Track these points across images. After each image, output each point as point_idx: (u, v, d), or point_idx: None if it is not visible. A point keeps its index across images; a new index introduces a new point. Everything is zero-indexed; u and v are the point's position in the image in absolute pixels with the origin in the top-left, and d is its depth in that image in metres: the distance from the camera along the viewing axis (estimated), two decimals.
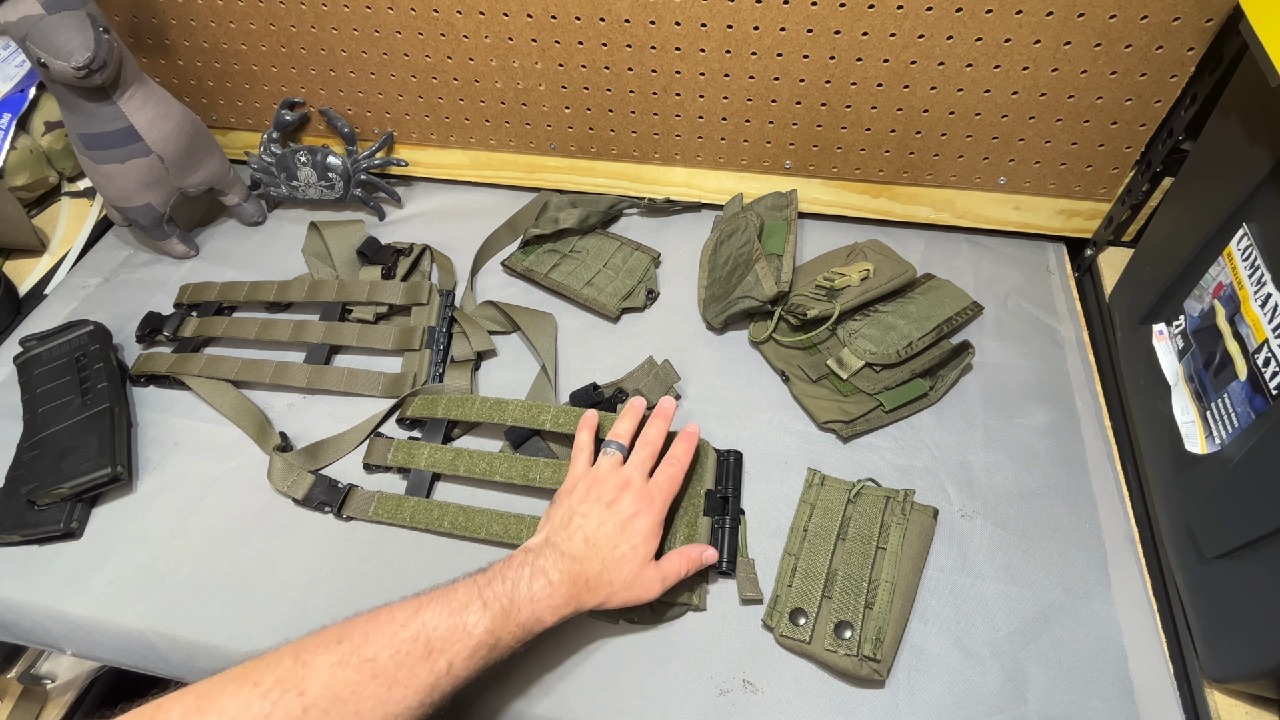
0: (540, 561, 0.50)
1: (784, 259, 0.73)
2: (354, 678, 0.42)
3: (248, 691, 0.41)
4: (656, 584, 0.52)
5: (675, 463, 0.57)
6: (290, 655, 0.43)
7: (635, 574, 0.51)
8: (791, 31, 0.69)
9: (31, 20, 0.64)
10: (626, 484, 0.55)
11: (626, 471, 0.56)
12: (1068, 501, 0.62)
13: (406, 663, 0.43)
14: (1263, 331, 0.49)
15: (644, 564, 0.52)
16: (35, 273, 0.86)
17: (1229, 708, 0.52)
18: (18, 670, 0.85)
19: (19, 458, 0.66)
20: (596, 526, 0.52)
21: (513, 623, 0.47)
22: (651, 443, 0.58)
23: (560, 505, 0.55)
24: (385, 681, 0.43)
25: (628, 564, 0.51)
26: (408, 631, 0.44)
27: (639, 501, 0.54)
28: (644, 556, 0.52)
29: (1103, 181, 0.75)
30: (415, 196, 0.93)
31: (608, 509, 0.53)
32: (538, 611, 0.48)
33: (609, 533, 0.52)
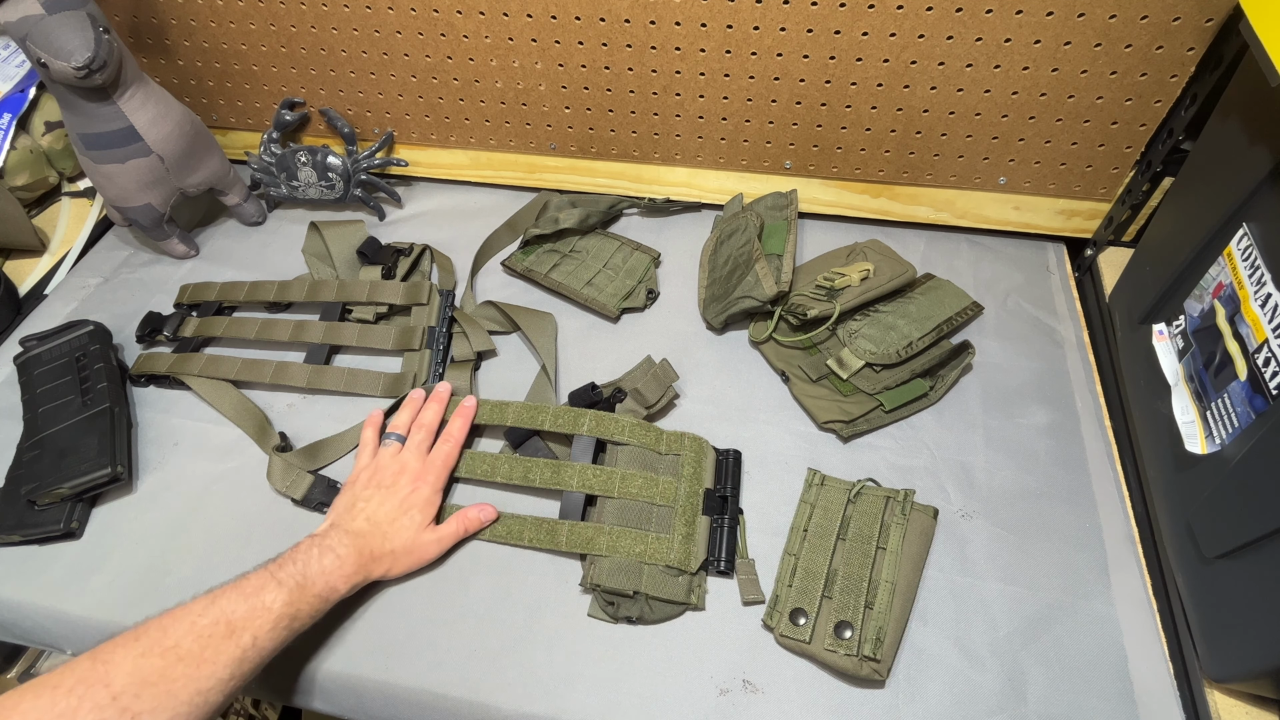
0: (327, 541, 0.55)
1: (784, 259, 0.73)
2: (159, 664, 0.45)
3: (49, 694, 0.42)
4: (433, 545, 0.59)
5: (449, 439, 0.64)
6: (88, 658, 0.44)
7: (413, 539, 0.58)
8: (791, 31, 0.69)
9: (31, 20, 0.64)
10: (403, 468, 0.61)
11: (403, 456, 0.62)
12: (1068, 501, 0.62)
13: (210, 643, 0.46)
14: (1263, 331, 0.49)
15: (420, 530, 0.59)
16: (35, 273, 0.86)
17: (1229, 708, 0.52)
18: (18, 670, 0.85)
19: (19, 458, 0.66)
20: (377, 507, 0.58)
21: (309, 594, 0.51)
22: (426, 425, 0.64)
23: (344, 494, 0.60)
24: (192, 661, 0.45)
25: (405, 532, 0.58)
26: (206, 618, 0.47)
27: (415, 480, 0.60)
28: (419, 524, 0.59)
29: (1103, 181, 0.75)
30: (415, 196, 0.93)
31: (387, 491, 0.59)
32: (331, 581, 0.53)
33: (389, 510, 0.58)
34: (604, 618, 0.57)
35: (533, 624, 0.57)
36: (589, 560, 0.59)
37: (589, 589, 0.58)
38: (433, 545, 0.59)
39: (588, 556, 0.59)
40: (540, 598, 0.58)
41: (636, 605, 0.56)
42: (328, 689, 0.55)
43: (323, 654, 0.56)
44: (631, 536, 0.58)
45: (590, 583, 0.57)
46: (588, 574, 0.58)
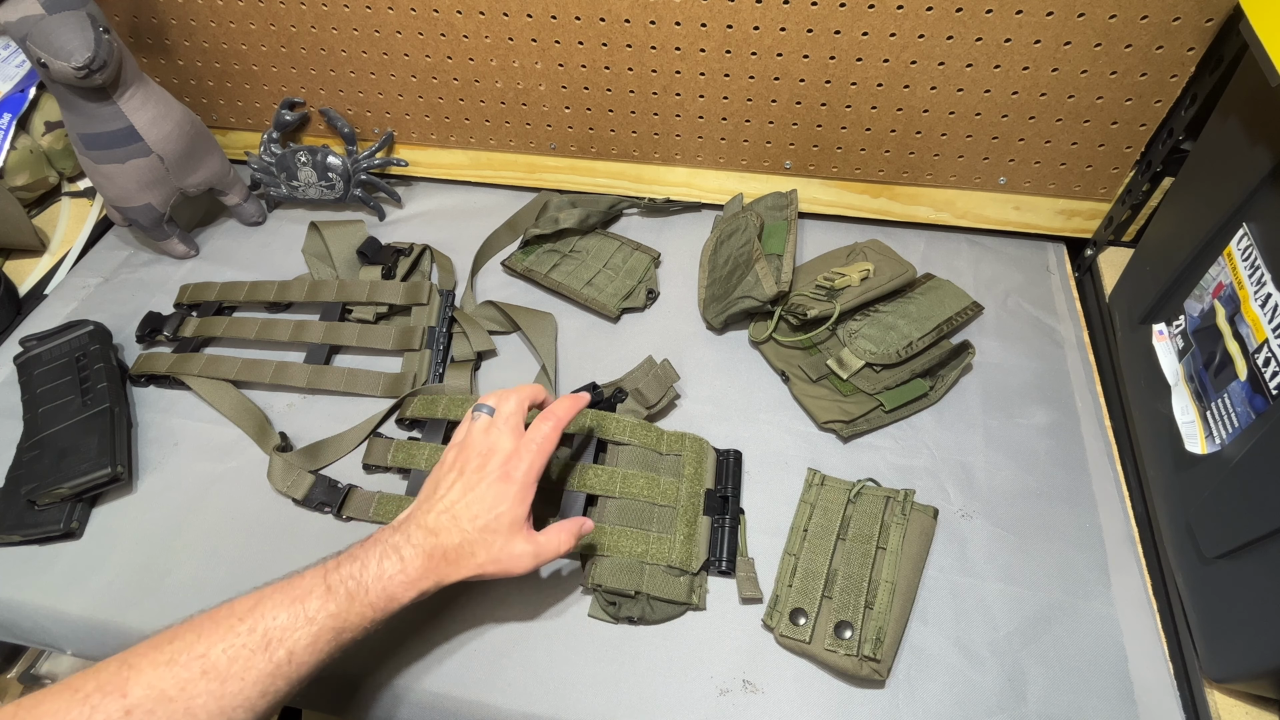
0: (395, 538, 0.48)
1: (784, 259, 0.73)
2: (182, 675, 0.41)
3: (67, 697, 0.40)
4: (528, 559, 0.49)
5: (551, 416, 0.52)
6: (117, 660, 0.42)
7: (502, 546, 0.49)
8: (791, 31, 0.69)
9: (31, 20, 0.64)
10: (492, 448, 0.51)
11: (493, 434, 0.52)
12: (1068, 501, 0.62)
13: (241, 655, 0.42)
14: (1263, 331, 0.49)
15: (511, 533, 0.49)
16: (35, 273, 0.86)
17: (1229, 708, 0.52)
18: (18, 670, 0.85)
19: (19, 458, 0.66)
20: (460, 496, 0.49)
21: (361, 603, 0.45)
22: (519, 396, 0.53)
23: (430, 478, 0.52)
24: (218, 677, 0.41)
25: (492, 535, 0.49)
26: (244, 624, 0.43)
27: (507, 463, 0.50)
28: (509, 524, 0.49)
29: (1103, 181, 0.75)
30: (415, 196, 0.93)
31: (473, 475, 0.50)
32: (390, 589, 0.46)
33: (471, 501, 0.49)
34: (605, 618, 0.57)
35: (533, 624, 0.57)
36: (590, 560, 0.59)
37: (590, 589, 0.58)
38: (527, 559, 0.50)
39: (588, 556, 0.59)
40: (540, 598, 0.58)
41: (638, 605, 0.56)
42: (327, 688, 0.55)
43: None
44: (633, 536, 0.58)
45: (591, 583, 0.57)
46: (589, 574, 0.58)
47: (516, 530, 0.49)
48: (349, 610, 0.45)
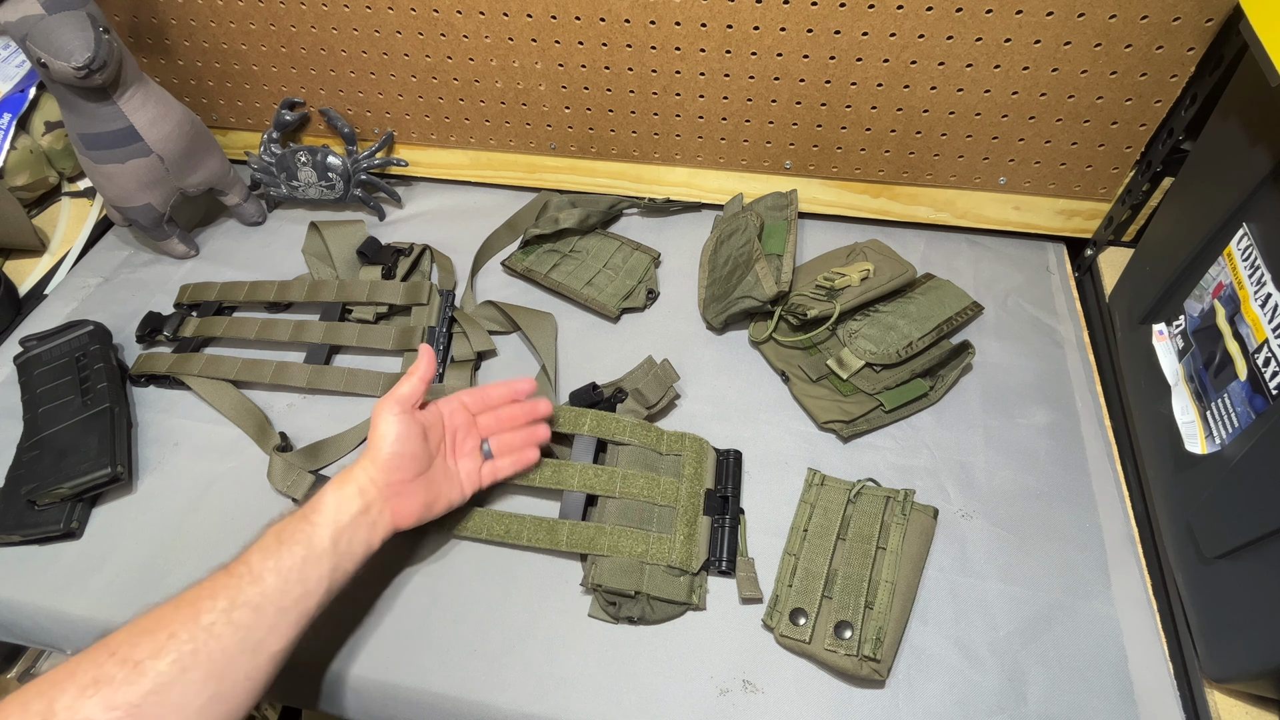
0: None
1: (784, 259, 0.73)
2: (155, 614, 0.45)
3: (62, 665, 0.42)
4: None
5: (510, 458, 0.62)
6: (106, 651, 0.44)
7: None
8: (791, 31, 0.69)
9: (31, 20, 0.64)
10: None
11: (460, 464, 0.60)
12: (1068, 501, 0.62)
13: (204, 585, 0.46)
14: (1263, 331, 0.49)
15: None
16: (35, 273, 0.86)
17: (1229, 708, 0.52)
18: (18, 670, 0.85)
19: (19, 458, 0.66)
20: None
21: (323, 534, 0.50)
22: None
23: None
24: (188, 603, 0.45)
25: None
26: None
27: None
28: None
29: (1103, 181, 0.75)
30: (415, 196, 0.93)
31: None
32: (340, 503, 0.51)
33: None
34: (605, 618, 0.57)
35: (533, 624, 0.57)
36: (590, 560, 0.59)
37: (590, 589, 0.58)
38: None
39: (588, 557, 0.59)
40: (540, 598, 0.58)
41: (638, 605, 0.56)
42: (328, 688, 0.55)
43: (323, 654, 0.56)
44: (633, 536, 0.58)
45: (591, 583, 0.57)
46: (589, 574, 0.58)
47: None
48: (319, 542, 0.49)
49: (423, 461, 0.55)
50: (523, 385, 0.63)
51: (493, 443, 0.61)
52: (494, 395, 0.62)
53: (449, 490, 0.57)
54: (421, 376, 0.57)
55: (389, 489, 0.53)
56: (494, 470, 0.60)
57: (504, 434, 0.61)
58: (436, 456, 0.57)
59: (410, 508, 0.54)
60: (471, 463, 0.59)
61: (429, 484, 0.55)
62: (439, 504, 0.56)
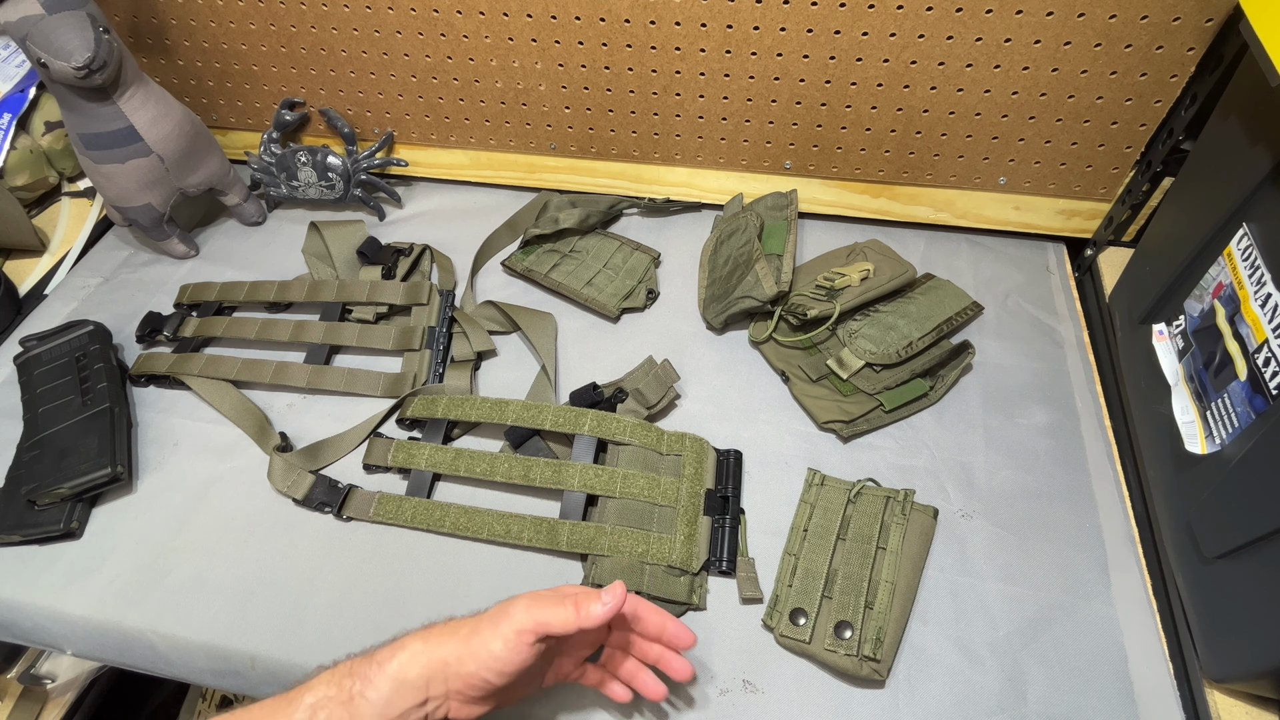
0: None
1: (784, 259, 0.73)
2: None
3: None
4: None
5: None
6: None
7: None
8: (791, 31, 0.69)
9: (31, 20, 0.64)
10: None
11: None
12: (1068, 501, 0.62)
13: None
14: (1263, 331, 0.49)
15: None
16: (35, 273, 0.86)
17: (1229, 708, 0.52)
18: (18, 670, 0.85)
19: (19, 458, 0.66)
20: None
21: None
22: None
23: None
24: None
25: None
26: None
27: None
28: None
29: (1103, 181, 0.75)
30: (415, 196, 0.93)
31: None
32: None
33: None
34: None
35: None
36: (590, 560, 0.59)
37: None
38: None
39: (589, 557, 0.59)
40: None
41: None
42: None
43: (323, 653, 0.56)
44: (633, 536, 0.58)
45: (592, 583, 0.57)
46: (589, 574, 0.58)
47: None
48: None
49: (506, 686, 0.46)
50: (683, 637, 0.50)
51: (606, 654, 0.52)
52: (646, 620, 0.50)
53: (526, 689, 0.49)
54: (583, 624, 0.45)
55: (458, 696, 0.45)
56: (583, 674, 0.52)
57: (623, 656, 0.51)
58: (534, 669, 0.47)
59: (474, 712, 0.46)
60: (569, 664, 0.51)
61: (507, 692, 0.47)
62: (508, 699, 0.48)
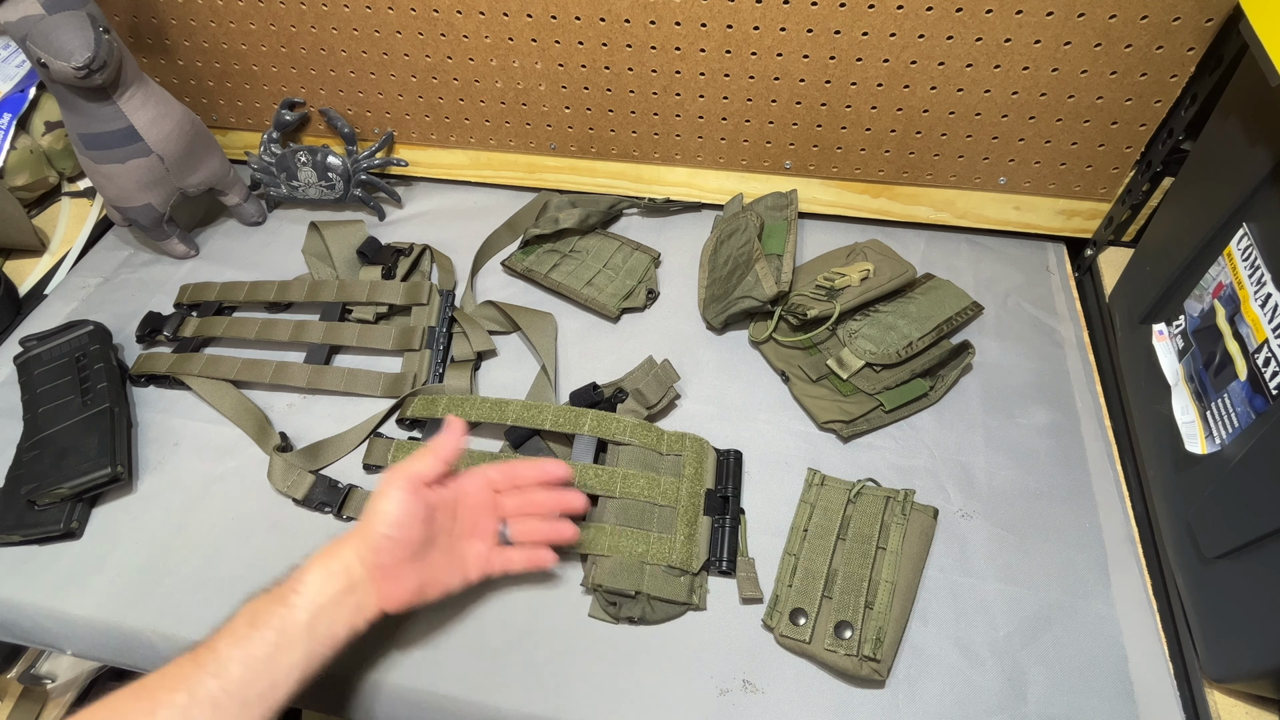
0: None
1: (784, 259, 0.73)
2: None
3: None
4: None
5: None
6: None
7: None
8: (791, 31, 0.69)
9: (31, 20, 0.64)
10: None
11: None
12: (1068, 501, 0.62)
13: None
14: (1263, 331, 0.49)
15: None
16: (35, 273, 0.86)
17: (1229, 708, 0.52)
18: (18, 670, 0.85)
19: (19, 458, 0.66)
20: None
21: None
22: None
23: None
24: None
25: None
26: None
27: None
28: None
29: (1103, 181, 0.75)
30: (415, 196, 0.93)
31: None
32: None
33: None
34: (605, 618, 0.57)
35: (533, 624, 0.57)
36: (590, 560, 0.59)
37: (590, 589, 0.58)
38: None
39: (589, 557, 0.59)
40: (540, 598, 0.58)
41: (638, 605, 0.56)
42: (327, 689, 0.55)
43: None
44: (633, 537, 0.58)
45: (592, 583, 0.57)
46: (589, 574, 0.58)
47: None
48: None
49: (420, 547, 0.50)
50: (557, 469, 0.57)
51: (513, 527, 0.56)
52: (524, 474, 0.57)
53: (448, 575, 0.53)
54: (440, 455, 0.52)
55: (378, 570, 0.49)
56: (506, 560, 0.55)
57: (526, 520, 0.56)
58: (441, 537, 0.52)
59: (400, 592, 0.50)
60: (484, 545, 0.55)
61: (424, 568, 0.51)
62: (434, 589, 0.52)
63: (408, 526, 0.49)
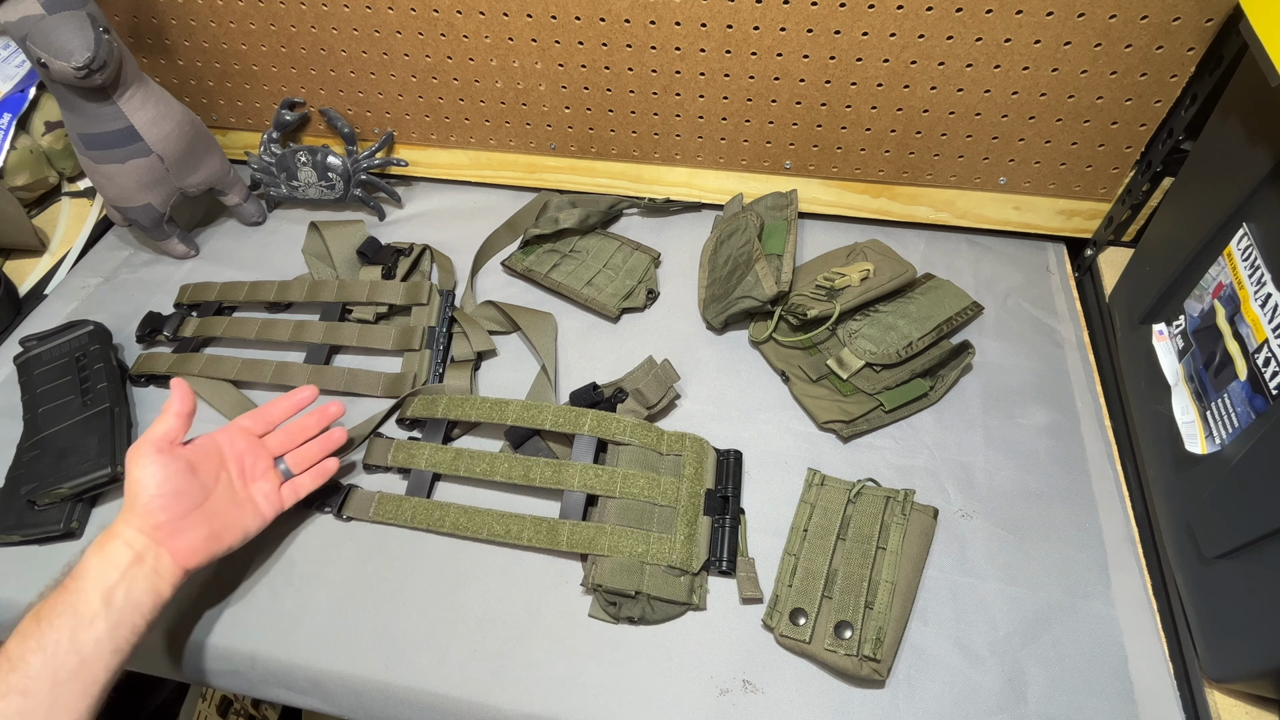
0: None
1: (784, 259, 0.73)
2: None
3: None
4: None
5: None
6: None
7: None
8: (791, 31, 0.69)
9: (32, 20, 0.64)
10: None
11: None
12: (1068, 501, 0.62)
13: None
14: (1263, 331, 0.49)
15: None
16: (35, 273, 0.86)
17: (1229, 708, 0.52)
18: None
19: (19, 458, 0.66)
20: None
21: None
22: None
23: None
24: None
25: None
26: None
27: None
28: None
29: (1103, 181, 0.75)
30: (415, 196, 0.93)
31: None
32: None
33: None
34: (605, 618, 0.57)
35: (533, 624, 0.57)
36: (590, 560, 0.59)
37: (590, 589, 0.58)
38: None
39: (589, 557, 0.59)
40: (540, 598, 0.58)
41: (638, 605, 0.56)
42: (328, 688, 0.55)
43: (323, 653, 0.56)
44: (633, 537, 0.58)
45: (592, 583, 0.57)
46: (589, 574, 0.58)
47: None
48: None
49: (195, 497, 0.53)
50: (304, 394, 0.62)
51: (288, 459, 0.60)
52: (275, 411, 0.62)
53: (241, 518, 0.55)
54: (176, 412, 0.54)
55: (158, 532, 0.50)
56: (294, 488, 0.59)
57: (299, 449, 0.61)
58: (217, 486, 0.55)
59: (193, 544, 0.52)
60: (268, 484, 0.58)
61: (210, 516, 0.53)
62: (230, 534, 0.54)
63: (170, 481, 0.51)
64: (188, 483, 0.53)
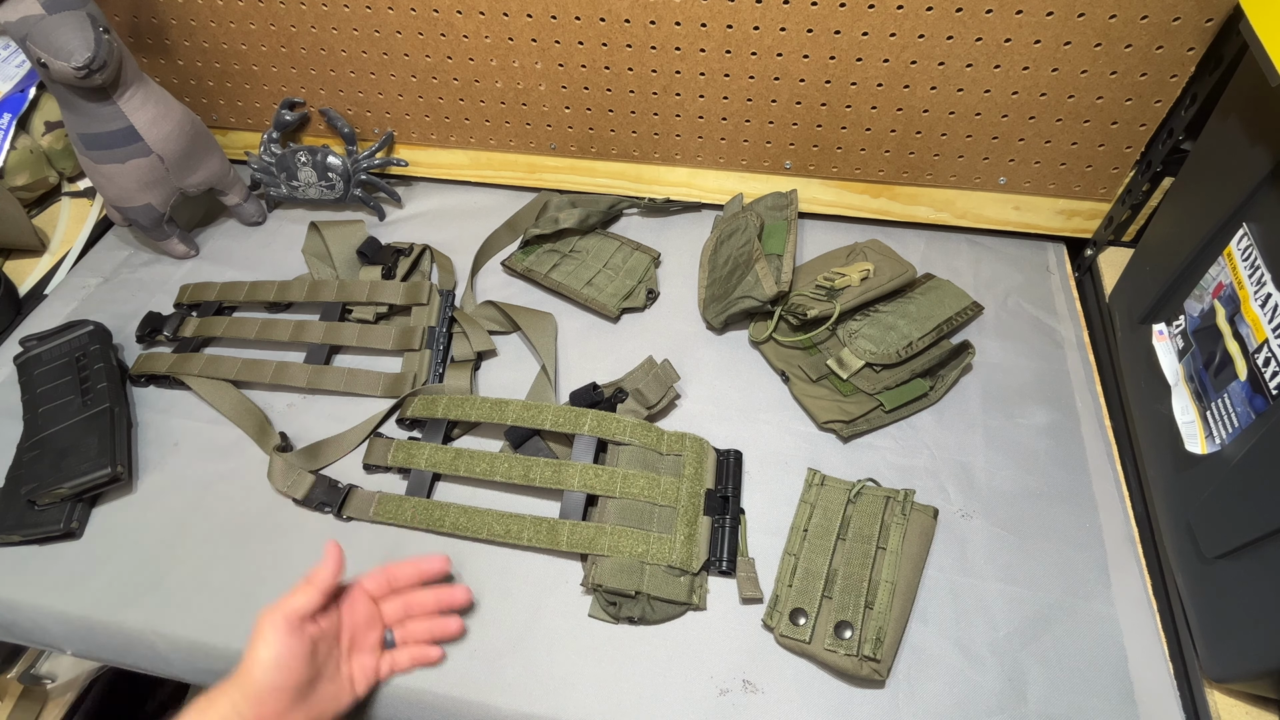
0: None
1: (784, 259, 0.73)
2: None
3: None
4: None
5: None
6: None
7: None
8: (791, 31, 0.69)
9: (32, 20, 0.64)
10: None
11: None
12: (1068, 501, 0.62)
13: None
14: (1263, 331, 0.49)
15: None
16: (35, 273, 0.86)
17: (1229, 708, 0.52)
18: (18, 670, 0.85)
19: (19, 458, 0.66)
20: None
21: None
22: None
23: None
24: None
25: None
26: None
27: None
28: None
29: (1103, 181, 0.75)
30: (415, 196, 0.93)
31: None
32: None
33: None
34: (605, 618, 0.57)
35: (533, 624, 0.57)
36: (590, 560, 0.59)
37: (590, 589, 0.58)
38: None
39: (589, 557, 0.59)
40: (540, 598, 0.58)
41: (638, 605, 0.56)
42: None
43: None
44: (633, 537, 0.58)
45: (592, 583, 0.57)
46: (589, 574, 0.58)
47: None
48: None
49: (304, 684, 0.48)
50: (433, 565, 0.57)
51: (396, 633, 0.55)
52: (401, 576, 0.56)
53: (336, 695, 0.51)
54: (320, 588, 0.50)
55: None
56: (392, 663, 0.54)
57: (409, 623, 0.56)
58: (326, 666, 0.50)
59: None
60: (370, 659, 0.53)
61: (311, 702, 0.49)
62: (323, 716, 0.50)
63: (289, 668, 0.47)
64: (304, 670, 0.48)
